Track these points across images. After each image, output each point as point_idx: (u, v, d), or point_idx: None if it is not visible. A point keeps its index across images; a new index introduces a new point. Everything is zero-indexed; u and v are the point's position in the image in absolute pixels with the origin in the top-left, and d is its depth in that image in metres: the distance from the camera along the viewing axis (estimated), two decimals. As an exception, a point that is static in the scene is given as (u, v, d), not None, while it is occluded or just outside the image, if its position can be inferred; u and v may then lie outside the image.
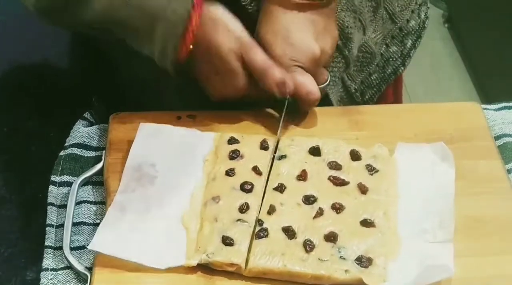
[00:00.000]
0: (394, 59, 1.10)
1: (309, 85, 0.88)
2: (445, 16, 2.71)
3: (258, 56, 0.87)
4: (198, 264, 0.76)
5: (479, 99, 2.30)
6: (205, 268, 0.76)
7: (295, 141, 0.87)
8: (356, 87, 1.05)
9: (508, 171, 0.87)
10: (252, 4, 0.91)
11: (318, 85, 0.89)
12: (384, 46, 1.08)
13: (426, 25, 1.13)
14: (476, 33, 2.49)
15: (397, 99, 1.20)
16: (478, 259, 0.77)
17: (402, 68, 1.12)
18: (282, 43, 0.88)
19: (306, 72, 0.88)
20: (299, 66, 0.88)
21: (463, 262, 0.75)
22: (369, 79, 1.07)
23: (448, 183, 0.83)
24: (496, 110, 0.96)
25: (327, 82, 0.93)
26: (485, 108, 0.95)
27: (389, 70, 1.10)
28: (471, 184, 0.84)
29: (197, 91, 1.05)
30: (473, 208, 0.81)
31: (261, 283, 0.75)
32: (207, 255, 0.75)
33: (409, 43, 1.11)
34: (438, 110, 0.94)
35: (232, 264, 0.75)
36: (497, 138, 0.91)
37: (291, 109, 0.90)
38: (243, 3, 0.91)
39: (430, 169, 0.85)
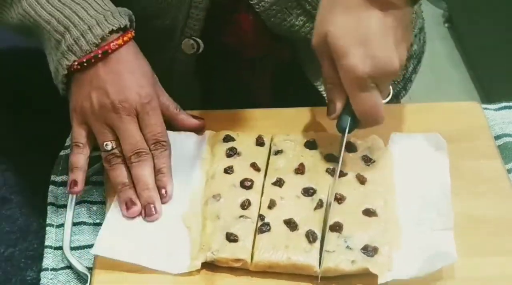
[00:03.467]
0: (396, 82, 1.08)
1: (380, 108, 0.78)
2: (445, 16, 2.71)
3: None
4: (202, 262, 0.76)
5: (479, 99, 2.30)
6: (209, 265, 0.76)
7: (290, 136, 0.87)
8: None
9: (508, 171, 0.87)
10: (260, 4, 0.91)
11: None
12: None
13: (424, 50, 1.11)
14: (476, 33, 2.49)
15: None
16: (478, 259, 0.77)
17: (404, 92, 1.10)
18: (362, 53, 0.75)
19: (377, 87, 0.77)
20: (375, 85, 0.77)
21: (463, 262, 0.75)
22: None
23: (443, 172, 0.83)
24: (496, 110, 0.96)
25: (389, 97, 0.82)
26: (485, 108, 0.95)
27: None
28: (471, 184, 0.84)
29: (196, 91, 1.05)
30: (473, 208, 0.81)
31: (266, 277, 0.75)
32: (212, 252, 0.75)
33: (410, 67, 1.09)
34: (438, 110, 0.94)
35: (238, 260, 0.75)
36: (497, 138, 0.91)
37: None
38: (251, 2, 0.90)
39: (424, 159, 0.85)
